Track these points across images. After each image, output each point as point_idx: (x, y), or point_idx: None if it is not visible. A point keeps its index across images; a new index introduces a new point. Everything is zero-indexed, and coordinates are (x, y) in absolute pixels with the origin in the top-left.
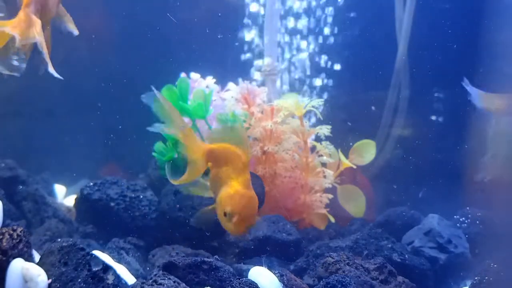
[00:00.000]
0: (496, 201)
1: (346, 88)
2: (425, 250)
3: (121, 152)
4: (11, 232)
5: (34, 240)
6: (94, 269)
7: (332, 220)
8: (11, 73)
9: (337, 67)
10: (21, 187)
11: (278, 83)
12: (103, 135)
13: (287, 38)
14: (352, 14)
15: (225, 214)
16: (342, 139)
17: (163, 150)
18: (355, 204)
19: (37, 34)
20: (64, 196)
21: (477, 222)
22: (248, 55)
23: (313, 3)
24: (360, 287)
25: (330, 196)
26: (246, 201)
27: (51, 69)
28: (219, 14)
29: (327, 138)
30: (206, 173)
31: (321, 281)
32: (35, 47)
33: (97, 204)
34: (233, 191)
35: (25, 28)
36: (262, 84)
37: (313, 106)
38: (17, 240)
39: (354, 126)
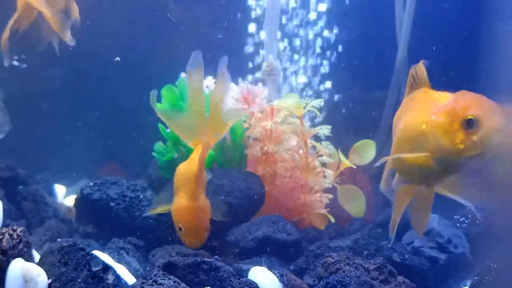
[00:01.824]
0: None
1: (346, 88)
2: (425, 250)
3: (121, 152)
4: (11, 232)
5: (34, 240)
6: (94, 269)
7: (332, 220)
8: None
9: (337, 67)
10: (21, 187)
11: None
12: (103, 135)
13: (286, 39)
14: (352, 14)
15: (180, 229)
16: (342, 139)
17: (163, 150)
18: (355, 204)
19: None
20: (64, 196)
21: (477, 222)
22: (250, 49)
23: (313, 3)
24: (360, 287)
25: (330, 196)
26: (193, 216)
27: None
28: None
29: (327, 138)
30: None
31: (321, 281)
32: None
33: (97, 204)
34: (182, 206)
35: None
36: (263, 84)
37: (313, 106)
38: (17, 240)
39: (354, 126)
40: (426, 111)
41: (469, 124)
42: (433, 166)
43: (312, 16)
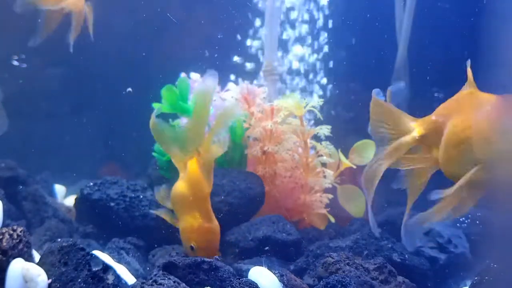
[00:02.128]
0: (496, 201)
1: (346, 88)
2: (425, 250)
3: (121, 152)
4: (11, 232)
5: (34, 240)
6: (94, 269)
7: (332, 220)
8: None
9: (337, 67)
10: (21, 187)
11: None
12: (103, 135)
13: (286, 38)
14: (352, 14)
15: (191, 247)
16: (342, 139)
17: (163, 150)
18: (355, 204)
19: None
20: (64, 196)
21: (477, 222)
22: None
23: (313, 3)
24: (360, 287)
25: (330, 196)
26: (210, 237)
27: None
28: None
29: (327, 138)
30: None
31: (321, 281)
32: None
33: (97, 204)
34: (198, 226)
35: None
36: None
37: (313, 106)
38: (17, 240)
39: (354, 126)
40: (472, 115)
41: None
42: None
43: (312, 16)
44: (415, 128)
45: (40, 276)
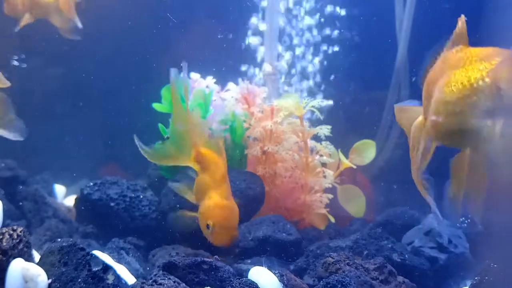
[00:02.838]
0: (496, 201)
1: (346, 88)
2: (425, 250)
3: (121, 152)
4: (11, 232)
5: (34, 240)
6: (94, 269)
7: (332, 220)
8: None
9: (337, 67)
10: (21, 187)
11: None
12: (103, 135)
13: (286, 39)
14: (352, 14)
15: (207, 227)
16: (342, 139)
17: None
18: (355, 204)
19: None
20: (64, 196)
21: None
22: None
23: (313, 3)
24: (360, 287)
25: (330, 196)
26: (226, 213)
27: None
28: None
29: (327, 138)
30: None
31: (321, 281)
32: None
33: (97, 204)
34: (213, 204)
35: None
36: (263, 84)
37: (313, 106)
38: (17, 240)
39: (354, 126)
40: (476, 67)
41: None
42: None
43: (312, 15)
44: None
45: (40, 276)
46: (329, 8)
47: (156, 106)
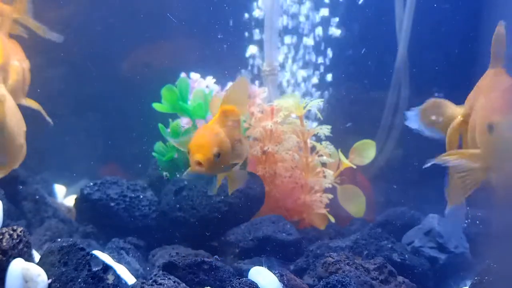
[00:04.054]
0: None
1: (346, 88)
2: (425, 250)
3: (121, 152)
4: (11, 232)
5: (34, 240)
6: (94, 269)
7: (332, 220)
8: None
9: (337, 67)
10: (21, 187)
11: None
12: (103, 135)
13: (286, 38)
14: (352, 14)
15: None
16: (342, 139)
17: (163, 150)
18: (355, 204)
19: None
20: (64, 196)
21: (477, 222)
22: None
23: (313, 3)
24: (360, 287)
25: (330, 196)
26: (200, 133)
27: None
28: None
29: (327, 138)
30: None
31: (321, 281)
32: None
33: (97, 204)
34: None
35: None
36: (262, 84)
37: (313, 106)
38: (17, 240)
39: (354, 126)
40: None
41: None
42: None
43: (312, 15)
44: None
45: (40, 276)
46: (329, 8)
47: (156, 106)
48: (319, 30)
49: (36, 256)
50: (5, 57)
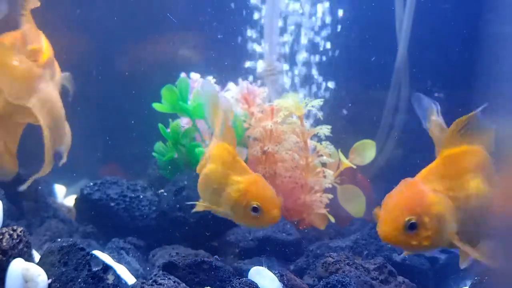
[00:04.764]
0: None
1: (346, 88)
2: None
3: (121, 152)
4: (11, 232)
5: (34, 240)
6: (94, 269)
7: (332, 220)
8: None
9: (337, 67)
10: (21, 187)
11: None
12: (103, 135)
13: (286, 38)
14: (352, 14)
15: (254, 209)
16: (342, 139)
17: (163, 150)
18: (355, 204)
19: None
20: (64, 196)
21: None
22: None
23: (313, 3)
24: (360, 287)
25: (330, 196)
26: (267, 185)
27: None
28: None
29: (327, 138)
30: None
31: (321, 281)
32: None
33: (97, 204)
34: (251, 180)
35: None
36: (262, 84)
37: (313, 106)
38: (17, 240)
39: (354, 126)
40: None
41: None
42: None
43: (312, 15)
44: None
45: (40, 276)
46: (328, 8)
47: (156, 106)
48: (319, 30)
49: (36, 256)
50: (50, 52)
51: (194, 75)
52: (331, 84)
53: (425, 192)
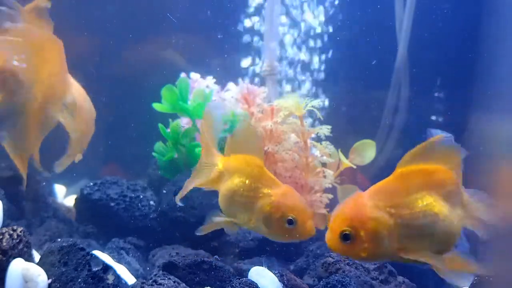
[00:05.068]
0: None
1: (346, 88)
2: None
3: (121, 152)
4: (11, 232)
5: (34, 240)
6: (94, 269)
7: None
8: None
9: (337, 67)
10: (21, 187)
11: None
12: (103, 135)
13: (286, 38)
14: (352, 14)
15: (289, 222)
16: (342, 139)
17: (163, 150)
18: None
19: None
20: (64, 196)
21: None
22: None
23: (313, 3)
24: (360, 287)
25: (330, 196)
26: (301, 198)
27: None
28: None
29: (327, 138)
30: None
31: (321, 281)
32: None
33: (97, 204)
34: (286, 192)
35: None
36: (263, 84)
37: (313, 106)
38: (17, 240)
39: (354, 126)
40: None
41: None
42: None
43: (311, 15)
44: None
45: (40, 276)
46: (328, 8)
47: (156, 106)
48: (319, 30)
49: (36, 256)
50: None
51: (194, 75)
52: (330, 84)
53: (365, 207)
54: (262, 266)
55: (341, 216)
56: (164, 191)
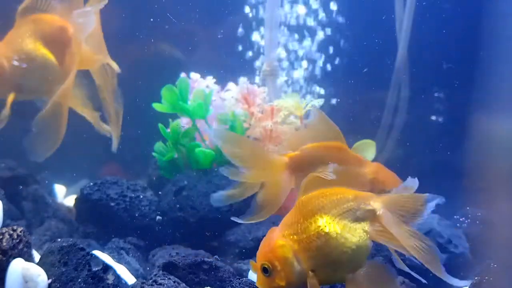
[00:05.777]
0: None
1: (346, 88)
2: None
3: (121, 152)
4: (11, 232)
5: (34, 240)
6: (94, 269)
7: None
8: None
9: (337, 67)
10: (21, 187)
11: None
12: (103, 135)
13: (286, 37)
14: (352, 14)
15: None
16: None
17: (163, 150)
18: None
19: None
20: (64, 196)
21: (477, 222)
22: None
23: (313, 3)
24: None
25: None
26: None
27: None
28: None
29: None
30: None
31: None
32: None
33: (97, 204)
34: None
35: None
36: (263, 84)
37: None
38: (17, 240)
39: (354, 126)
40: None
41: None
42: None
43: (311, 15)
44: None
45: (40, 276)
46: (328, 8)
47: (156, 106)
48: (319, 30)
49: (36, 256)
50: None
51: (194, 75)
52: (330, 84)
53: (274, 239)
54: None
55: (259, 254)
56: (162, 192)
